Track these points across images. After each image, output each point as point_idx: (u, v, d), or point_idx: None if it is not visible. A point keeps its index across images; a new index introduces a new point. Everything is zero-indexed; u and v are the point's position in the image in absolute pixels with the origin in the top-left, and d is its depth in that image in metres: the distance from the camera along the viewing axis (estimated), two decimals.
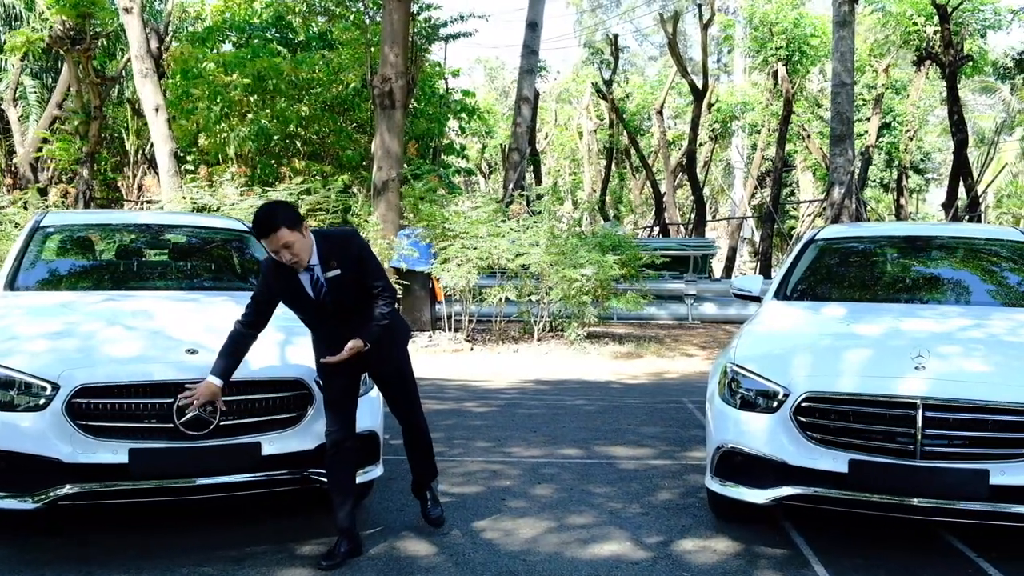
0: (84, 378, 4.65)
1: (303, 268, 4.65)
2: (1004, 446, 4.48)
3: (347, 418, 4.88)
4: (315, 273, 4.68)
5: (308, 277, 4.69)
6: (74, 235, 7.22)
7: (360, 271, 4.73)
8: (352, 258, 4.72)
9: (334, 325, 4.77)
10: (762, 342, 5.58)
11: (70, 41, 21.34)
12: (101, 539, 5.03)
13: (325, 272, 4.68)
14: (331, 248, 4.72)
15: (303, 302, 4.76)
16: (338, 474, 4.87)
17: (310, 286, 4.71)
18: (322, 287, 4.70)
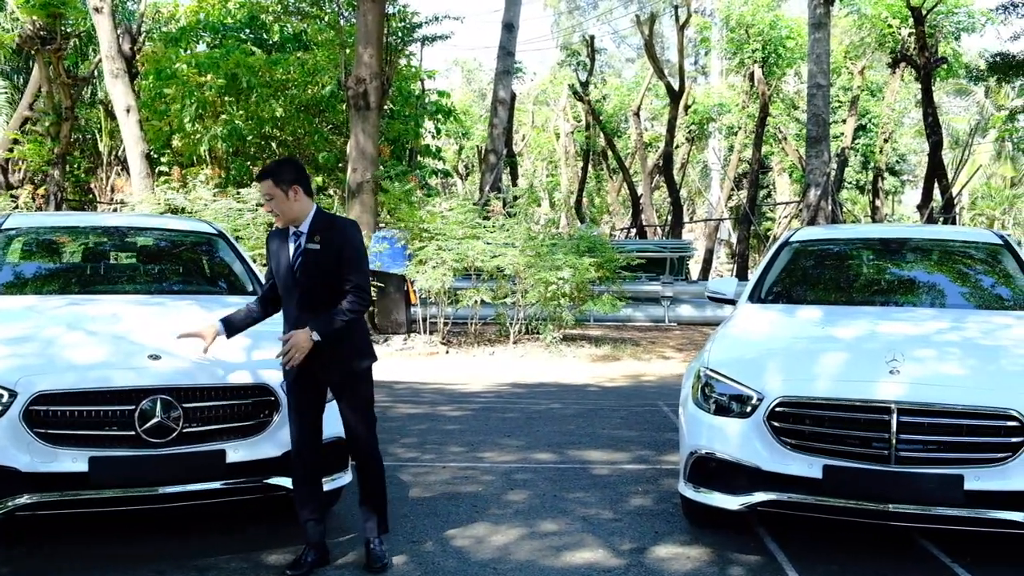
0: (42, 385, 4.52)
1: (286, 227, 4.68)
2: (979, 451, 4.44)
3: (310, 426, 4.76)
4: (300, 241, 4.65)
5: (294, 239, 4.68)
6: (39, 238, 7.07)
7: (339, 258, 4.61)
8: (337, 241, 4.63)
9: (300, 309, 4.62)
10: (736, 346, 5.52)
11: (41, 41, 21.11)
12: (61, 549, 4.91)
13: (308, 243, 4.63)
14: (323, 225, 4.68)
15: (282, 267, 4.69)
16: (303, 484, 4.76)
17: (292, 251, 4.67)
18: (299, 252, 4.64)
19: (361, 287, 4.67)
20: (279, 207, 4.63)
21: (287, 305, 4.74)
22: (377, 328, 15.75)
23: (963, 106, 48.07)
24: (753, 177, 30.09)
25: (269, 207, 4.67)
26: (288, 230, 4.71)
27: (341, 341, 4.64)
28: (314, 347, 4.53)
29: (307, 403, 4.73)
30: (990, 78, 23.78)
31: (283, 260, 4.69)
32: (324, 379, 4.73)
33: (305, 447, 4.72)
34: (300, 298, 4.64)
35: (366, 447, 4.81)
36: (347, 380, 4.74)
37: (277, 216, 4.67)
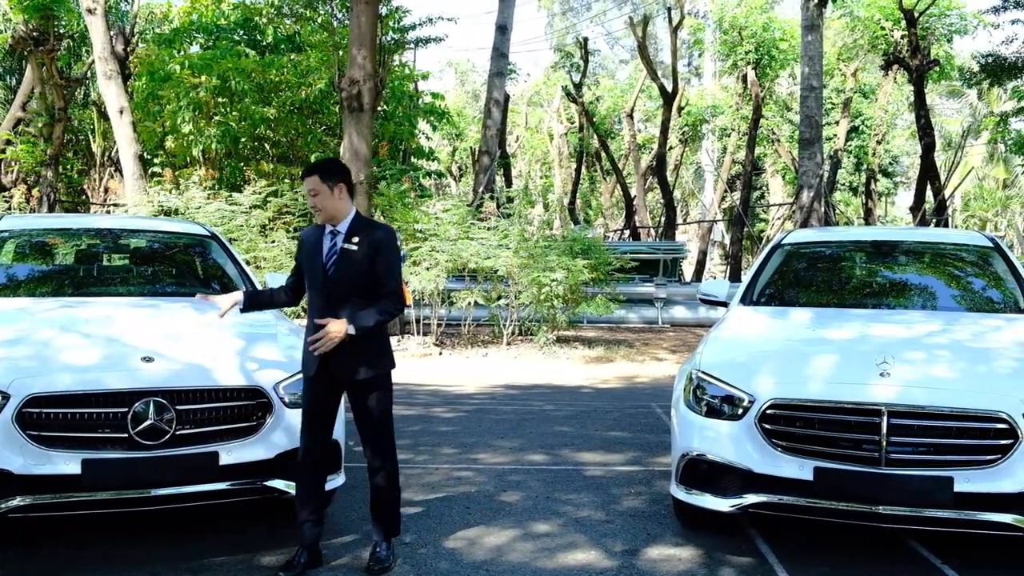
0: (36, 387, 4.53)
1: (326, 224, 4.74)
2: (968, 453, 4.46)
3: (322, 425, 4.78)
4: (336, 240, 4.71)
5: (329, 239, 4.73)
6: (32, 239, 7.08)
7: (375, 262, 4.66)
8: (375, 244, 4.68)
9: (329, 304, 4.65)
10: (727, 348, 5.54)
11: (34, 42, 21.10)
12: (55, 551, 4.91)
13: (345, 243, 4.69)
14: (363, 227, 4.75)
15: (314, 262, 4.74)
16: (307, 485, 4.77)
17: (327, 248, 4.72)
18: (334, 251, 4.69)
19: (396, 293, 4.73)
20: (322, 203, 4.69)
21: (313, 299, 4.77)
22: None
23: (956, 108, 48.23)
24: (746, 179, 30.15)
25: (312, 202, 4.72)
26: (324, 227, 4.77)
27: (368, 341, 4.67)
28: (340, 345, 4.56)
29: (322, 402, 4.75)
30: (982, 80, 23.84)
31: (317, 256, 4.74)
32: (345, 379, 4.72)
33: (314, 446, 4.74)
34: (328, 294, 4.67)
35: (381, 451, 4.82)
36: (367, 383, 4.74)
37: (318, 212, 4.71)
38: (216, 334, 5.43)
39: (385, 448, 4.81)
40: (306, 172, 4.75)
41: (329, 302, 4.65)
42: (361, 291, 4.65)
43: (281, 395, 5.02)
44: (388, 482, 4.84)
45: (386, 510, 4.85)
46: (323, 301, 4.67)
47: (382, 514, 4.85)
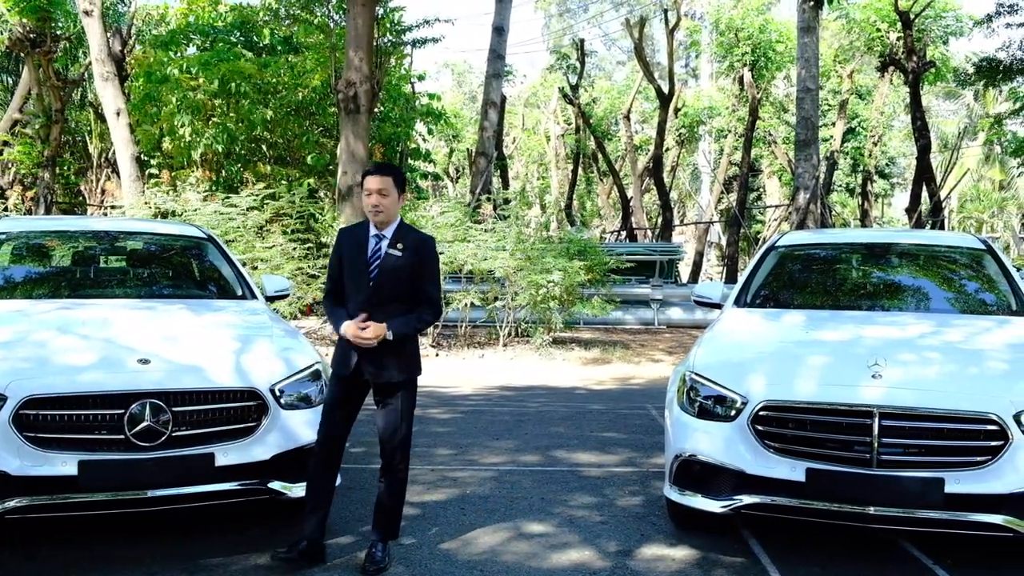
0: (32, 389, 4.55)
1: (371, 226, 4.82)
2: (959, 455, 4.50)
3: (343, 422, 4.88)
4: (381, 244, 4.79)
5: (374, 242, 4.81)
6: (29, 241, 7.10)
7: (419, 268, 4.80)
8: (418, 251, 4.82)
9: (368, 306, 4.72)
10: (721, 350, 5.58)
11: (30, 43, 21.11)
12: (51, 551, 4.93)
13: (390, 247, 4.77)
14: (407, 234, 4.86)
15: (357, 263, 4.79)
16: (321, 481, 4.83)
17: (371, 250, 4.79)
18: (378, 255, 4.77)
19: (435, 301, 4.88)
20: (386, 204, 4.76)
21: (352, 298, 4.82)
22: None
23: (952, 109, 48.32)
24: (743, 180, 30.20)
25: (376, 201, 4.74)
26: (367, 230, 4.84)
27: (402, 346, 4.78)
28: (375, 347, 4.67)
29: (347, 399, 4.86)
30: (978, 82, 23.90)
31: (358, 258, 4.80)
32: (376, 379, 4.81)
33: (333, 442, 4.84)
34: (369, 297, 4.74)
35: (397, 453, 4.88)
36: (396, 386, 4.84)
37: (378, 212, 4.76)
38: (212, 336, 5.47)
39: (402, 452, 4.89)
40: (380, 171, 4.80)
41: (369, 304, 4.74)
42: (402, 296, 4.78)
43: (277, 396, 5.05)
44: (397, 486, 4.90)
45: (390, 512, 4.89)
46: (363, 303, 4.75)
47: (385, 516, 4.88)
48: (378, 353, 4.71)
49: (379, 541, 4.87)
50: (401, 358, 4.81)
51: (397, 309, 4.76)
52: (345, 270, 4.87)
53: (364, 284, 4.76)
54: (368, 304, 4.73)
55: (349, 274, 4.84)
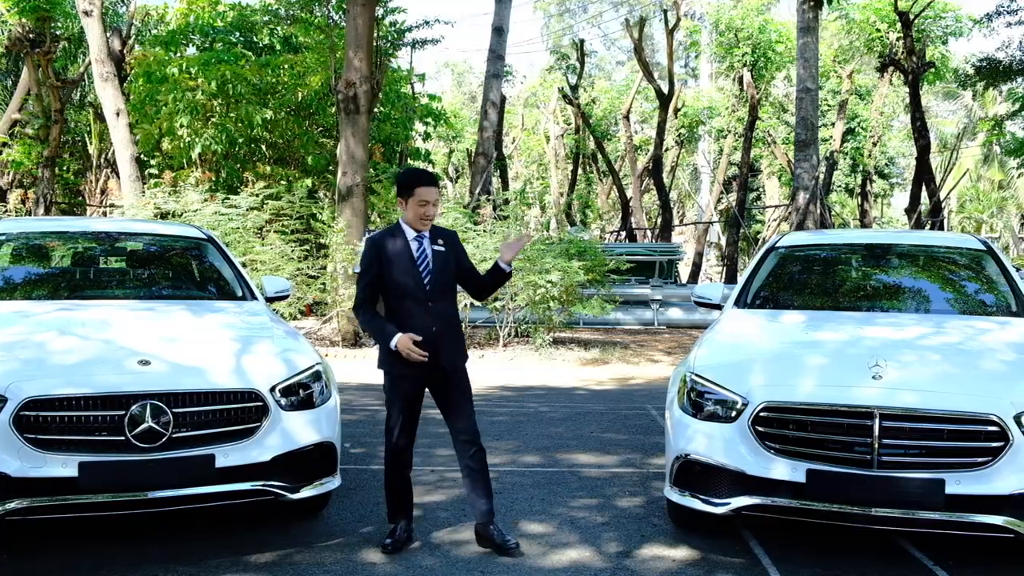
0: (32, 390, 4.55)
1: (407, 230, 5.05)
2: (960, 456, 4.50)
3: (414, 417, 5.12)
4: (423, 244, 5.05)
5: (416, 244, 5.05)
6: (28, 243, 7.09)
7: (458, 257, 5.18)
8: (452, 243, 5.19)
9: (420, 303, 4.97)
10: (721, 351, 5.58)
11: (30, 44, 21.11)
12: (52, 552, 4.93)
13: (432, 245, 5.07)
14: (439, 232, 5.17)
15: (405, 265, 5.00)
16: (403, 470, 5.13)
17: (416, 252, 5.03)
18: (425, 255, 5.03)
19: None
20: (434, 214, 5.06)
21: (403, 302, 5.01)
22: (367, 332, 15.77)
23: (951, 110, 48.33)
24: (742, 180, 30.20)
25: (430, 212, 5.01)
26: (402, 235, 5.05)
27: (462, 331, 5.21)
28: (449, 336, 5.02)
29: (415, 395, 5.08)
30: (977, 83, 23.91)
31: (406, 260, 5.01)
32: (452, 364, 5.05)
33: (409, 437, 5.09)
34: (426, 293, 4.99)
35: (476, 431, 5.13)
36: (463, 370, 5.15)
37: (428, 221, 5.03)
38: (213, 337, 5.47)
39: (477, 428, 5.16)
40: (435, 181, 5.09)
41: (429, 301, 4.99)
42: (450, 287, 5.15)
43: (277, 398, 5.05)
44: (485, 461, 5.15)
45: (489, 489, 5.12)
46: (423, 301, 4.99)
47: (487, 493, 5.10)
48: (450, 342, 5.03)
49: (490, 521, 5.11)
50: (462, 342, 5.20)
51: (448, 299, 5.12)
52: (390, 275, 5.01)
53: (419, 284, 4.99)
54: (427, 301, 4.98)
55: (396, 278, 5.00)
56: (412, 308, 4.98)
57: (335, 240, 15.14)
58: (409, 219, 5.04)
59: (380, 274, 5.02)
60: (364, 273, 5.09)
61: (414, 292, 4.98)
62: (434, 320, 4.97)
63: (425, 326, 4.94)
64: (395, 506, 5.16)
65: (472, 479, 5.10)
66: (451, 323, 5.10)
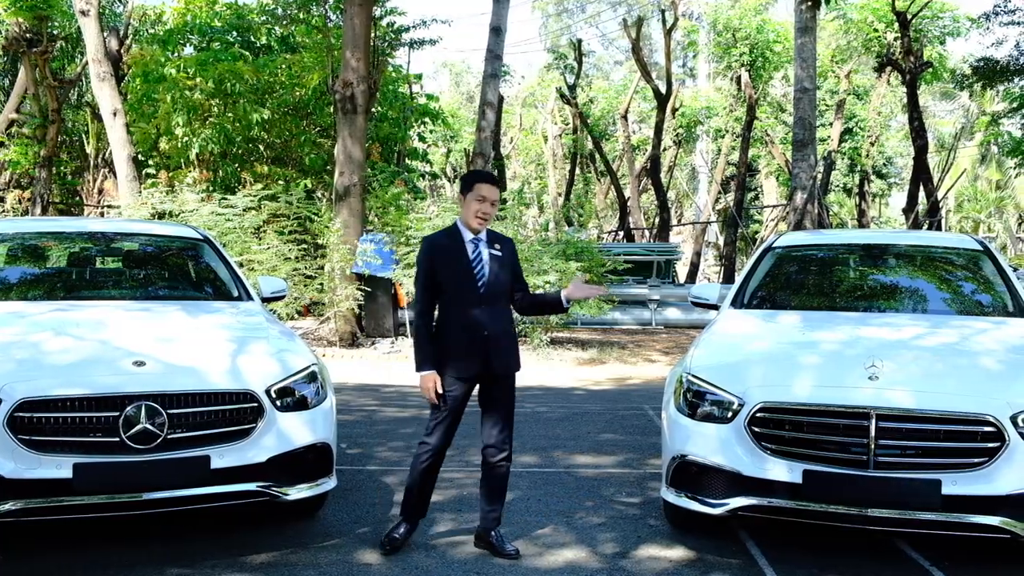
0: (26, 391, 4.53)
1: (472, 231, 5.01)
2: (956, 456, 4.50)
3: (456, 427, 5.08)
4: (479, 246, 5.01)
5: (472, 246, 5.01)
6: (24, 243, 7.07)
7: (514, 268, 5.16)
8: (511, 250, 5.18)
9: (473, 306, 4.94)
10: (717, 352, 5.57)
11: (27, 43, 21.08)
12: (50, 554, 4.92)
13: (489, 248, 5.04)
14: (495, 235, 5.15)
15: (462, 267, 4.96)
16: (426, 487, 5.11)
17: (472, 254, 4.99)
18: (480, 257, 4.99)
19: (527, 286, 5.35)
20: (491, 213, 5.02)
21: (456, 304, 4.98)
22: (365, 332, 15.77)
23: (949, 109, 48.35)
24: (740, 180, 30.21)
25: (488, 211, 4.98)
26: (458, 237, 5.02)
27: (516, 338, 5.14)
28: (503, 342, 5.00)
29: (463, 402, 5.04)
30: (975, 83, 23.92)
31: (463, 262, 4.98)
32: (505, 371, 5.04)
33: (449, 438, 5.08)
34: (481, 297, 4.95)
35: (510, 439, 5.13)
36: (512, 376, 5.13)
37: (485, 220, 5.00)
38: (208, 337, 5.45)
39: (510, 439, 5.13)
40: (494, 180, 5.11)
41: (482, 304, 4.96)
42: (505, 291, 5.10)
43: (273, 398, 5.03)
44: (508, 473, 5.15)
45: (503, 496, 5.15)
46: (476, 303, 4.95)
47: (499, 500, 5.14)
48: (503, 348, 5.00)
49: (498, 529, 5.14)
50: (516, 348, 5.16)
51: (503, 304, 5.09)
52: (444, 276, 4.97)
53: (473, 287, 4.95)
54: (481, 304, 4.95)
55: (450, 279, 4.97)
56: (465, 310, 4.95)
57: (332, 240, 15.13)
58: (466, 217, 5.00)
59: (435, 274, 4.98)
60: (420, 275, 5.05)
61: (468, 294, 4.95)
62: (487, 323, 4.94)
63: (476, 329, 4.92)
64: (414, 505, 5.12)
65: (489, 486, 5.10)
66: (504, 328, 5.05)
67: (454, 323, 4.96)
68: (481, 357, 4.94)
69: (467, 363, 4.95)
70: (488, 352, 4.94)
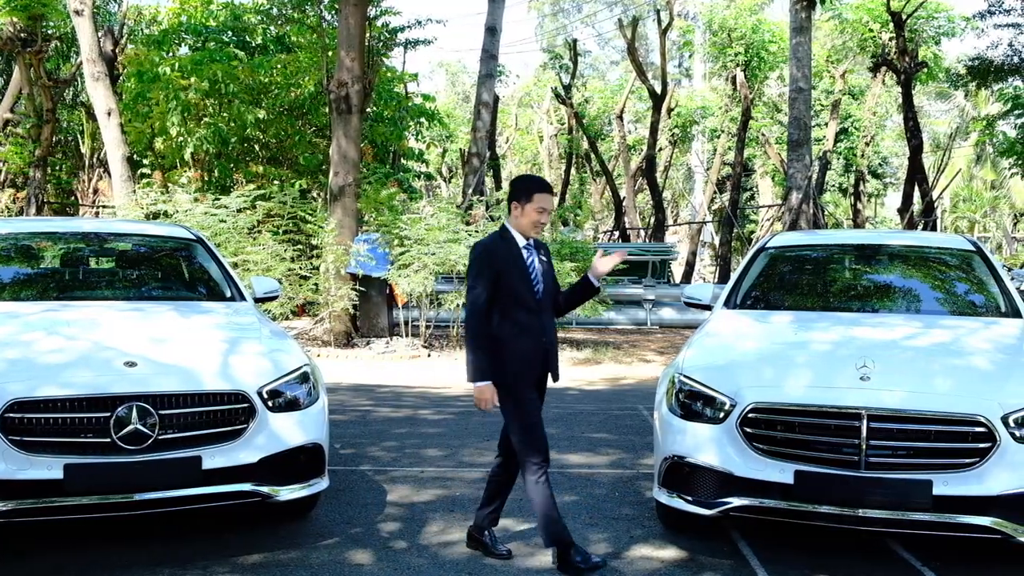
0: (18, 392, 4.53)
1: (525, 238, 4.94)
2: (947, 456, 4.50)
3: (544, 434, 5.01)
4: (532, 252, 4.97)
5: (527, 252, 4.94)
6: (16, 243, 7.06)
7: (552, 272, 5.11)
8: (549, 256, 5.16)
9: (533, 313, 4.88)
10: (709, 352, 5.57)
11: (21, 43, 21.05)
12: (43, 553, 4.91)
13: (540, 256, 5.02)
14: (539, 244, 5.08)
15: (520, 273, 4.87)
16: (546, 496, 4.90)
17: (528, 261, 4.93)
18: (534, 264, 4.94)
19: None
20: (547, 221, 4.98)
21: (516, 311, 4.86)
22: (359, 332, 15.77)
23: (944, 109, 48.42)
24: (736, 180, 30.22)
25: (544, 220, 4.92)
26: (514, 243, 4.91)
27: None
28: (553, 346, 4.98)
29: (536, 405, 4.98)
30: (969, 83, 23.96)
31: (522, 266, 4.89)
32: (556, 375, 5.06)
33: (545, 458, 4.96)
34: (536, 305, 4.89)
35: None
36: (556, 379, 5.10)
37: (541, 228, 4.95)
38: (200, 338, 5.45)
39: None
40: (552, 190, 5.00)
41: (540, 310, 4.91)
42: (552, 299, 5.04)
43: (264, 399, 5.03)
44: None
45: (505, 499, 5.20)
46: (536, 310, 4.89)
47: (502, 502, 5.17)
48: (556, 353, 5.02)
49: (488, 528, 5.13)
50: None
51: (552, 311, 5.05)
52: (507, 282, 4.84)
53: (531, 295, 4.88)
54: (535, 311, 4.88)
55: (513, 286, 4.85)
56: (525, 317, 4.85)
57: (327, 240, 15.12)
58: (522, 225, 4.88)
59: (496, 281, 4.81)
60: (479, 279, 4.82)
61: (528, 301, 4.86)
62: (544, 330, 4.91)
63: (537, 335, 4.87)
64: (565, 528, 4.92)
65: (498, 486, 5.11)
66: (554, 335, 5.04)
67: (516, 331, 4.82)
68: (542, 363, 4.92)
69: (532, 370, 4.89)
70: (547, 358, 4.94)
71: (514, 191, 4.97)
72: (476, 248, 4.97)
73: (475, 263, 4.90)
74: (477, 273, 4.85)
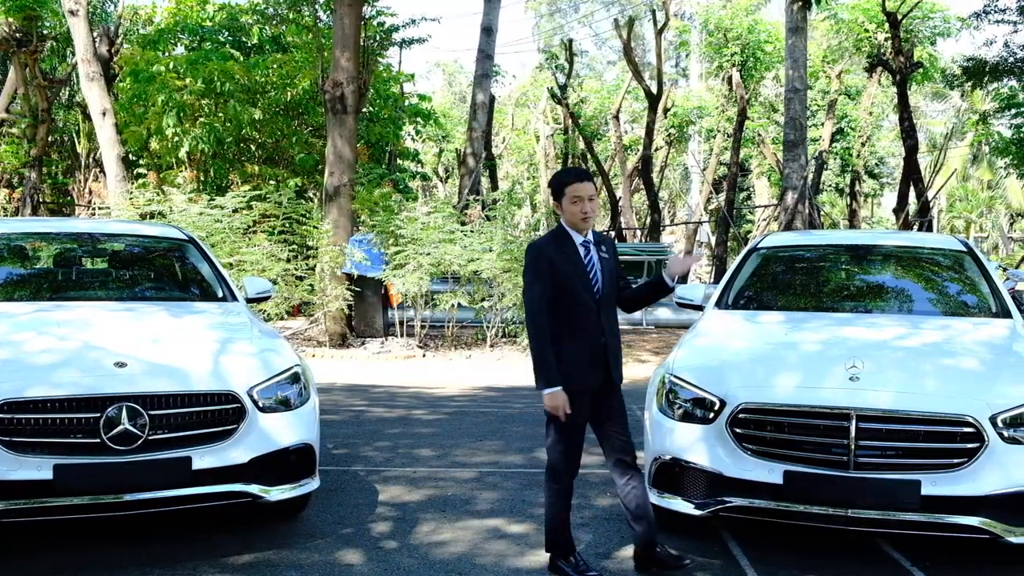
0: (8, 392, 4.53)
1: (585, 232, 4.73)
2: (936, 457, 4.51)
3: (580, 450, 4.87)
4: (590, 249, 4.74)
5: (584, 250, 4.72)
6: (9, 243, 7.05)
7: (616, 268, 4.85)
8: (613, 250, 4.88)
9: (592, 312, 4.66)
10: (700, 352, 5.58)
11: (16, 43, 21.04)
12: (41, 555, 4.91)
13: (598, 252, 4.77)
14: (602, 238, 4.86)
15: (577, 271, 4.67)
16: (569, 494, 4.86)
17: (586, 258, 4.71)
18: (593, 261, 4.71)
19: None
20: (593, 210, 4.71)
21: (574, 311, 4.67)
22: (354, 332, 15.77)
23: (940, 110, 48.49)
24: (732, 180, 30.23)
25: (587, 208, 4.67)
26: (569, 240, 4.71)
27: None
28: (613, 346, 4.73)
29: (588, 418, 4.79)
30: (965, 83, 23.99)
31: (577, 263, 4.69)
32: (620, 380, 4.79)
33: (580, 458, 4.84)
34: (599, 301, 4.69)
35: (635, 456, 4.84)
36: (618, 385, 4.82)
37: (588, 219, 4.70)
38: (191, 338, 5.45)
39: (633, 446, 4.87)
40: (587, 176, 4.75)
41: (600, 310, 4.69)
42: (614, 296, 4.82)
43: (255, 399, 5.03)
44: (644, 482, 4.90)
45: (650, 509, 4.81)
46: (595, 311, 4.67)
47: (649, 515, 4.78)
48: (617, 352, 4.77)
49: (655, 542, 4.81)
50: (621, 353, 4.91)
51: (613, 308, 4.82)
52: (563, 282, 4.65)
53: (590, 291, 4.67)
54: (597, 310, 4.67)
55: (570, 285, 4.65)
56: (584, 317, 4.66)
57: (322, 240, 15.12)
58: (569, 221, 4.70)
59: (553, 281, 4.64)
60: (535, 279, 4.65)
61: (587, 301, 4.66)
62: (604, 330, 4.68)
63: (596, 336, 4.66)
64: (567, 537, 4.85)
65: (637, 502, 4.77)
66: (616, 333, 4.78)
67: (574, 333, 4.65)
68: (603, 367, 4.69)
69: (591, 375, 4.67)
70: (607, 359, 4.70)
71: (551, 192, 4.80)
72: (529, 250, 4.80)
73: (530, 265, 4.72)
74: (532, 274, 4.68)
